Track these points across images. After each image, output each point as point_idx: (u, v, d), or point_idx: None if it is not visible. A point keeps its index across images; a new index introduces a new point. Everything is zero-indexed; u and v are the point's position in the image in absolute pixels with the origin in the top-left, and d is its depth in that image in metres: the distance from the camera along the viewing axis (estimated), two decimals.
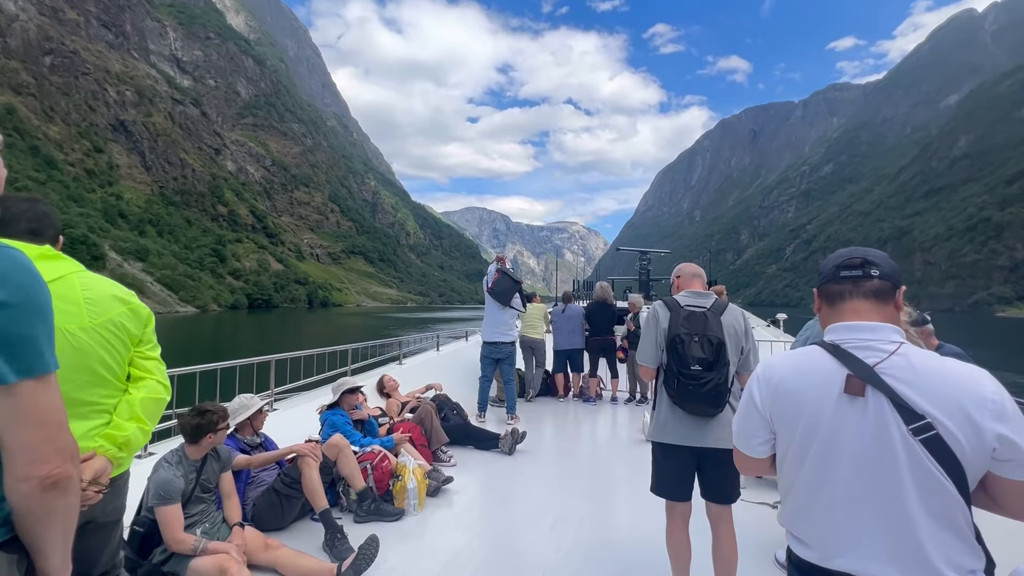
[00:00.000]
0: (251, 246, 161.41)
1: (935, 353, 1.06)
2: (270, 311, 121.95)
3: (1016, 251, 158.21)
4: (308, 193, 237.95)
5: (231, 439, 3.22)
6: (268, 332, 54.26)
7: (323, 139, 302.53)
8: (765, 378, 1.19)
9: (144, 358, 1.50)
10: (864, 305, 1.12)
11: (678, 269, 2.67)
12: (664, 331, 2.32)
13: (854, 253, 1.16)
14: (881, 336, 1.07)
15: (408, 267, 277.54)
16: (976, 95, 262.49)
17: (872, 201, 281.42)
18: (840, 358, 1.08)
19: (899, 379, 1.01)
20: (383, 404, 5.15)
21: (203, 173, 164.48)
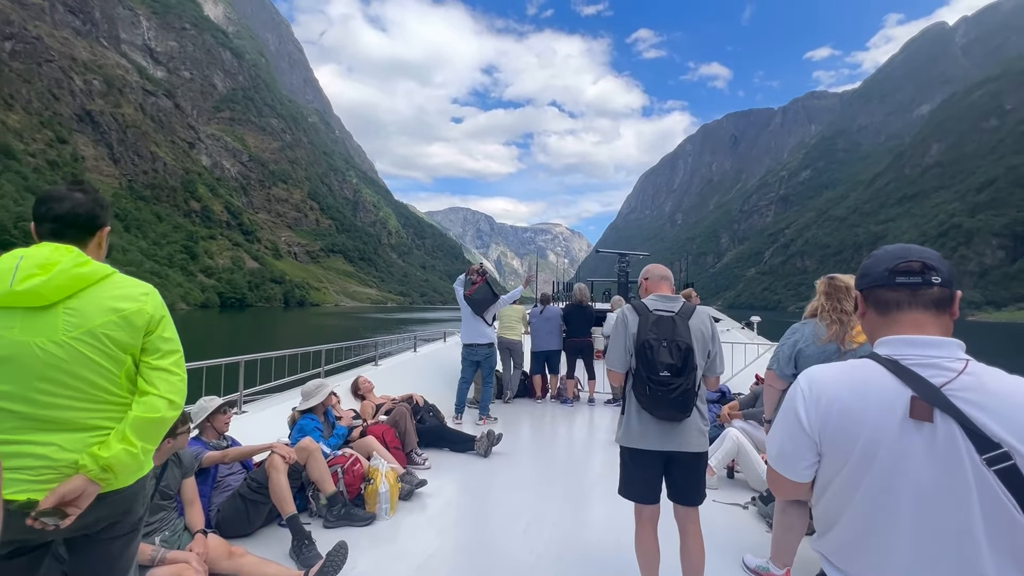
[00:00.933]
0: (225, 243, 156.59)
1: (1001, 370, 0.94)
2: (243, 310, 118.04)
3: (985, 257, 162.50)
4: (287, 190, 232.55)
5: (197, 442, 3.15)
6: (239, 332, 52.04)
7: (303, 135, 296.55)
8: (814, 397, 1.03)
9: (151, 368, 1.42)
10: (924, 317, 1.00)
11: (646, 271, 2.64)
12: (633, 336, 2.32)
13: (910, 255, 1.02)
14: (947, 352, 0.96)
15: (389, 267, 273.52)
16: (947, 105, 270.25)
17: (848, 207, 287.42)
18: (901, 377, 0.95)
19: (970, 402, 0.90)
20: (357, 406, 5.05)
21: (175, 167, 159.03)
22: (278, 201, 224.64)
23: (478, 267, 6.58)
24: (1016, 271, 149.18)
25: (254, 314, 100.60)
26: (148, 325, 1.41)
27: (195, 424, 3.17)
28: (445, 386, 6.78)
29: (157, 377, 1.40)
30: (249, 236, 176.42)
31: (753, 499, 3.58)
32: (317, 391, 3.90)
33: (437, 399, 5.85)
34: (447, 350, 8.19)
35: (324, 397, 3.91)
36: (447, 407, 6.03)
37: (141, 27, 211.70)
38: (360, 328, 52.82)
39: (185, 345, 1.34)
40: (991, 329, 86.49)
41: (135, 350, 1.39)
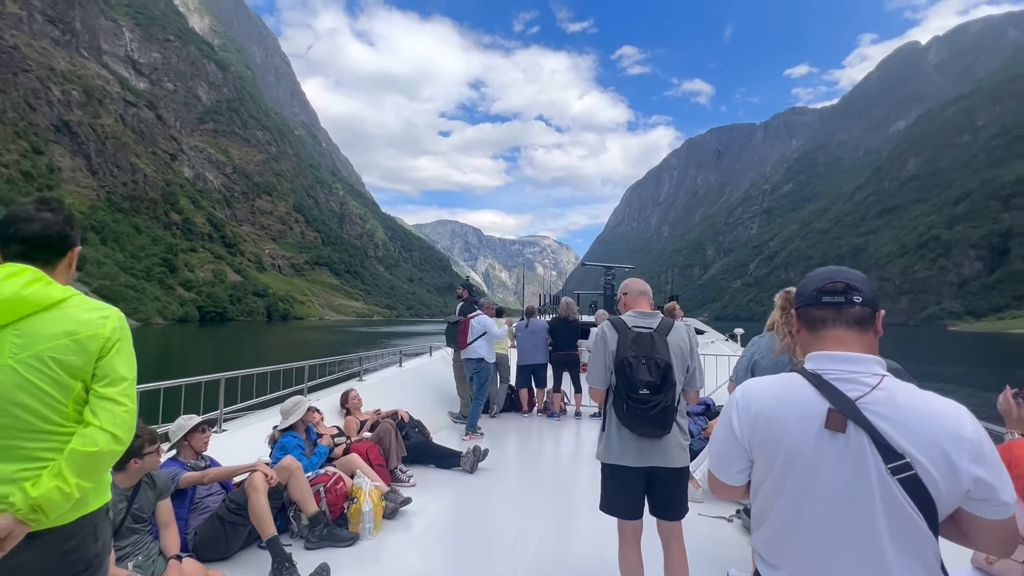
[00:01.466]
0: (207, 256, 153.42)
1: (914, 386, 1.05)
2: (224, 324, 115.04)
3: (963, 268, 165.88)
4: (271, 202, 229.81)
5: (174, 462, 3.05)
6: (220, 347, 50.16)
7: (289, 147, 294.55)
8: (744, 406, 1.15)
9: (97, 396, 1.31)
10: (847, 334, 1.10)
11: (624, 286, 2.62)
12: (612, 353, 2.33)
13: (835, 276, 1.14)
14: (864, 368, 1.06)
15: (376, 279, 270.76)
16: (923, 121, 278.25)
17: (830, 219, 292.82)
18: (822, 390, 1.06)
19: (880, 415, 1.00)
20: (341, 423, 4.99)
21: (156, 179, 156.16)
22: (262, 213, 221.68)
23: (464, 280, 6.97)
24: (994, 282, 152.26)
25: (235, 328, 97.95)
26: (102, 349, 1.32)
27: (172, 443, 3.09)
28: (431, 401, 6.78)
29: (101, 407, 1.30)
30: (232, 249, 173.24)
31: (738, 512, 3.58)
32: (295, 409, 3.85)
33: (423, 414, 5.81)
34: (433, 364, 8.11)
35: (302, 414, 3.86)
36: (433, 422, 6.01)
37: (124, 38, 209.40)
38: (345, 342, 51.48)
39: (163, 361, 0.98)
40: (971, 339, 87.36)
41: (86, 376, 1.31)
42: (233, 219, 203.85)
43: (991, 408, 1.94)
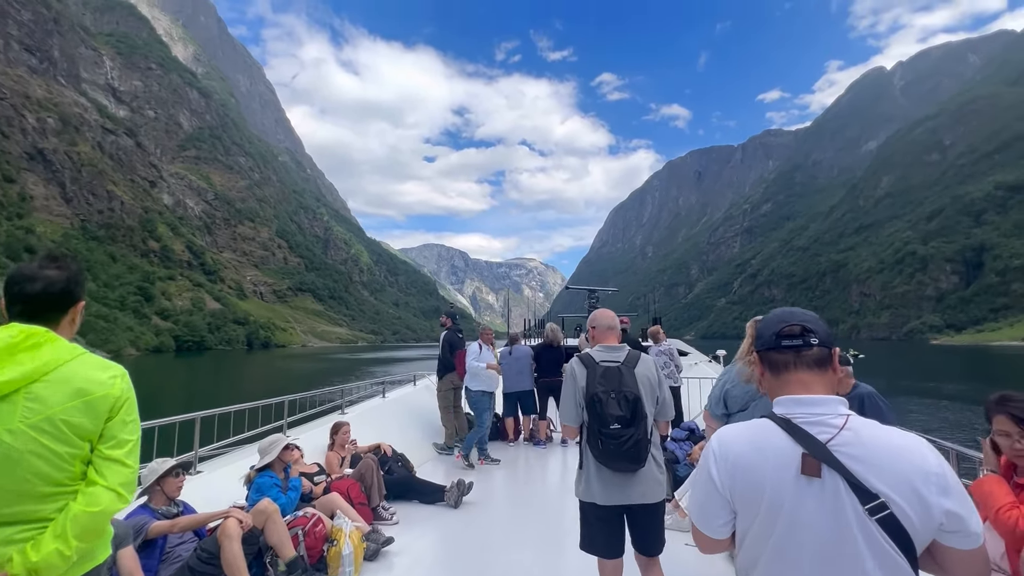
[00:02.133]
0: (185, 284, 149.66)
1: (875, 422, 1.09)
2: (202, 354, 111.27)
3: (941, 282, 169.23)
4: (253, 228, 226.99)
5: (144, 510, 2.93)
6: (195, 379, 47.99)
7: (272, 174, 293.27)
8: (722, 455, 1.16)
9: (103, 458, 1.30)
10: (808, 376, 1.15)
11: (593, 319, 2.62)
12: (582, 389, 2.35)
13: (791, 319, 1.18)
14: (829, 409, 1.10)
15: (361, 304, 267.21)
16: (892, 141, 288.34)
17: (809, 237, 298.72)
18: (793, 435, 1.09)
19: (851, 456, 1.04)
20: (322, 459, 4.82)
21: (134, 206, 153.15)
22: (244, 240, 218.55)
23: (448, 307, 7.15)
24: (970, 295, 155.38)
25: (213, 358, 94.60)
26: (111, 410, 1.32)
27: (143, 489, 2.98)
28: (415, 433, 6.65)
29: (108, 468, 1.30)
30: (212, 276, 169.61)
31: None
32: (271, 447, 3.72)
33: (407, 447, 5.72)
34: (417, 394, 7.96)
35: (277, 453, 3.72)
36: (417, 455, 5.96)
37: (104, 67, 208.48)
38: (327, 371, 49.71)
39: (140, 396, 1.32)
40: (953, 352, 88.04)
41: (94, 437, 1.30)
42: (214, 246, 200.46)
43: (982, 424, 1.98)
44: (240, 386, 39.48)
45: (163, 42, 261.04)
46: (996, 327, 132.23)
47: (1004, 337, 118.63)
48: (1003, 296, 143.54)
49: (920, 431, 3.35)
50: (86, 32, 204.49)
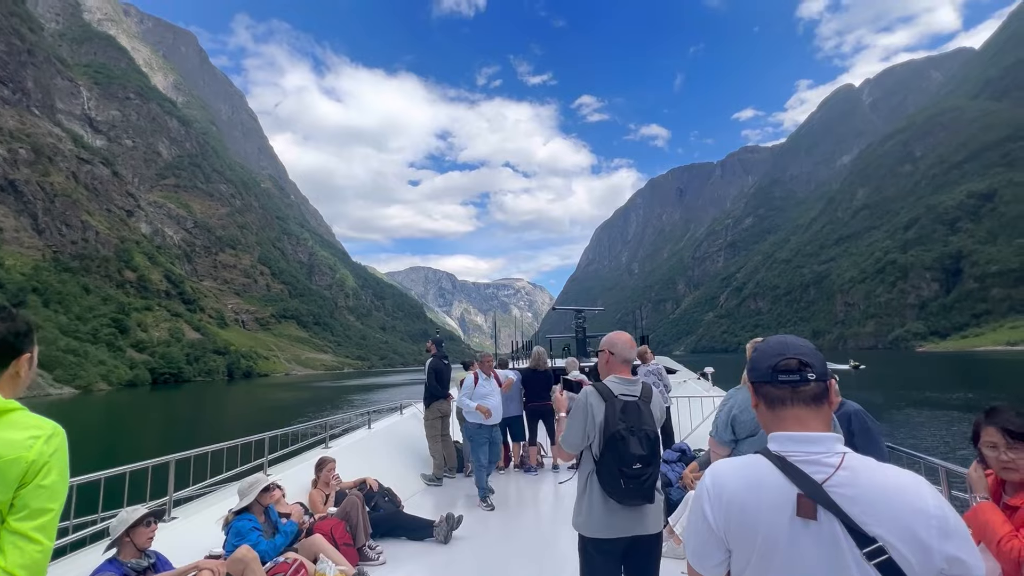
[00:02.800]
0: (163, 314, 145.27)
1: (871, 460, 1.07)
2: (180, 387, 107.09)
3: (922, 290, 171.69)
4: (235, 255, 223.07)
5: (110, 565, 2.70)
6: (170, 415, 45.50)
7: (254, 200, 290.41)
8: (716, 495, 1.13)
9: (8, 531, 1.11)
10: (805, 412, 1.13)
11: (611, 343, 2.48)
12: (601, 424, 2.27)
13: (786, 351, 1.16)
14: (825, 448, 1.08)
15: (346, 330, 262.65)
16: (865, 155, 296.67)
17: (791, 249, 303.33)
18: (788, 474, 1.07)
19: (848, 498, 1.01)
20: (305, 498, 4.65)
21: (109, 236, 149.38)
22: (225, 267, 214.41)
23: (434, 334, 7.05)
24: (952, 302, 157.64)
25: (192, 390, 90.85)
26: (24, 476, 1.13)
27: (111, 541, 2.78)
28: (403, 464, 6.52)
29: (11, 545, 1.10)
30: (191, 305, 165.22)
31: None
32: (251, 488, 3.52)
33: (394, 480, 5.58)
34: (404, 424, 7.77)
35: (256, 495, 3.52)
36: (405, 488, 5.83)
37: (81, 97, 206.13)
38: (310, 401, 48.25)
39: (105, 437, 1.22)
40: (940, 359, 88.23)
41: (3, 506, 1.12)
42: (194, 274, 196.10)
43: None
44: (219, 420, 37.79)
45: (142, 72, 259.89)
46: (979, 332, 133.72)
47: (988, 342, 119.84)
48: (983, 302, 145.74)
49: (912, 446, 3.42)
50: (62, 63, 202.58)
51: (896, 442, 3.04)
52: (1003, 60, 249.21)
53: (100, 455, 2.79)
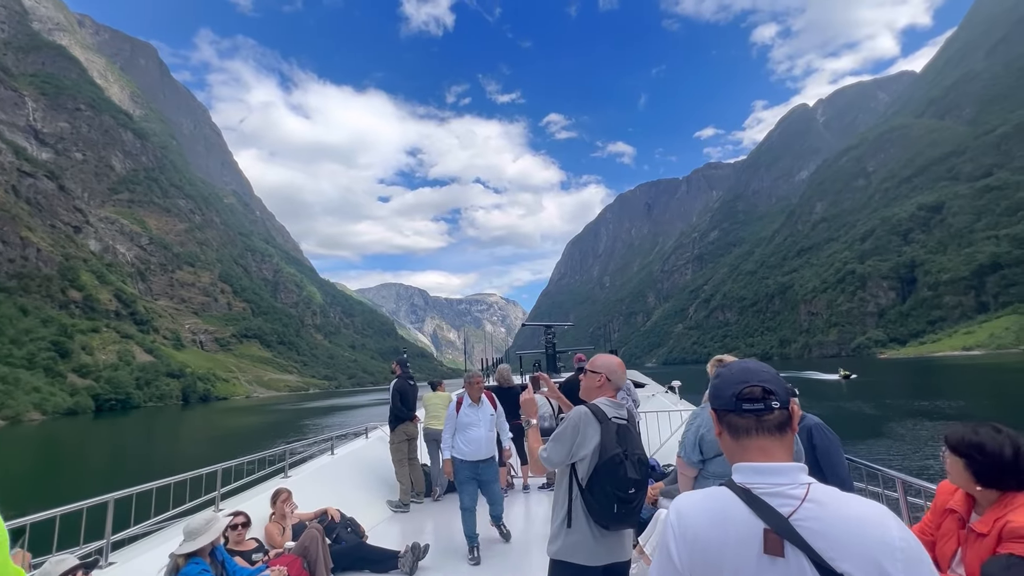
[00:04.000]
0: (111, 336, 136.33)
1: (835, 490, 1.04)
2: (127, 413, 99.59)
3: (880, 298, 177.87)
4: (194, 273, 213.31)
5: None
6: (113, 444, 41.23)
7: (216, 216, 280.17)
8: (680, 532, 1.08)
9: None
10: (770, 442, 1.11)
11: (608, 368, 2.41)
12: (596, 447, 2.20)
13: (750, 378, 1.13)
14: (789, 479, 1.06)
15: (313, 349, 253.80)
16: (822, 170, 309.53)
17: (756, 261, 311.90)
18: (754, 507, 1.04)
19: (815, 532, 0.99)
20: (261, 533, 4.44)
21: (52, 254, 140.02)
22: (183, 285, 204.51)
23: (401, 355, 6.93)
24: (908, 309, 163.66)
25: (142, 417, 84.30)
26: None
27: None
28: (368, 490, 6.25)
29: None
30: (144, 326, 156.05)
31: None
32: (207, 528, 3.08)
33: (358, 508, 5.35)
34: (370, 448, 7.45)
35: (217, 536, 3.14)
36: (369, 516, 5.59)
37: (26, 108, 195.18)
38: (269, 425, 45.91)
39: (33, 474, 1.02)
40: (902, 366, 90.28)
41: None
42: (148, 293, 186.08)
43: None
44: (168, 449, 34.69)
45: (95, 83, 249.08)
46: (937, 339, 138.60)
47: (946, 348, 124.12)
48: (937, 309, 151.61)
49: (918, 463, 3.56)
50: (5, 72, 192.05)
51: (901, 456, 3.20)
52: (943, 81, 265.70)
53: (27, 495, 1.95)
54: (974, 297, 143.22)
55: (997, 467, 1.78)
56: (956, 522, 1.94)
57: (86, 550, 2.96)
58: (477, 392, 5.41)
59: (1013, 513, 1.75)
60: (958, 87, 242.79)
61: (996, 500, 1.83)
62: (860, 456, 3.59)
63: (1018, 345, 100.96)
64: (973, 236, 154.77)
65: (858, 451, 12.86)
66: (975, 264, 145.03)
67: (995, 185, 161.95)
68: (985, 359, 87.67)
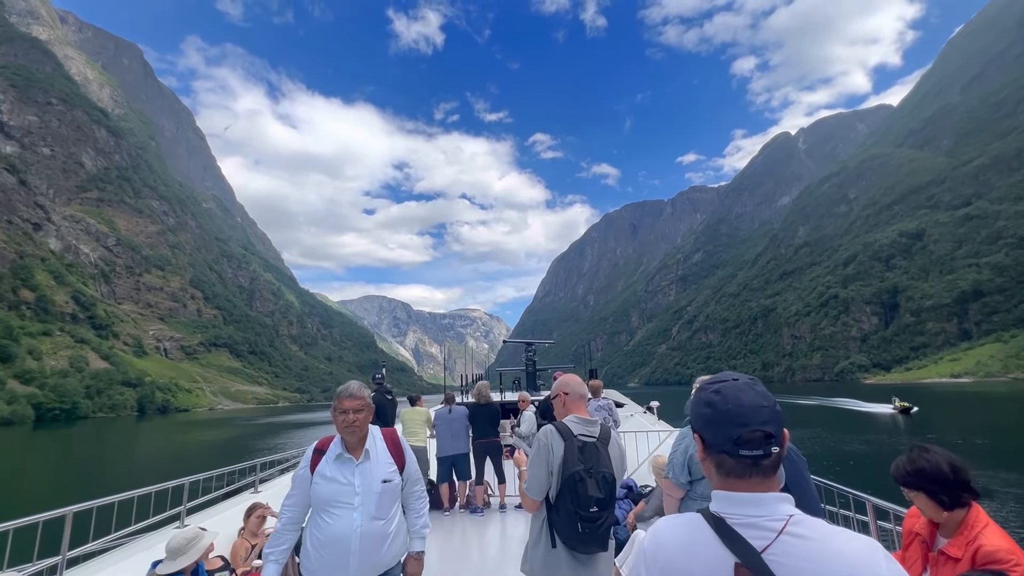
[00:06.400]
0: (65, 340, 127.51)
1: (820, 523, 0.94)
2: (73, 424, 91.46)
3: (863, 323, 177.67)
4: (163, 277, 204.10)
5: None
6: (45, 459, 35.38)
7: (191, 219, 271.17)
8: (652, 557, 1.03)
9: None
10: (761, 483, 1.01)
11: (565, 385, 2.43)
12: (559, 464, 2.17)
13: (750, 421, 1.00)
14: (767, 511, 0.97)
15: (287, 360, 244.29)
16: (804, 196, 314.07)
17: (739, 284, 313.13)
18: (725, 538, 0.96)
19: (789, 567, 0.89)
20: (227, 551, 4.26)
21: (6, 251, 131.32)
22: (150, 290, 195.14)
23: (376, 373, 6.98)
24: (891, 335, 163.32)
25: (89, 428, 76.66)
26: None
27: None
28: None
29: None
30: (102, 331, 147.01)
31: None
32: (190, 547, 2.93)
33: None
34: None
35: (200, 554, 2.98)
36: None
37: None
38: (229, 441, 43.24)
39: None
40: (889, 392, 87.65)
41: None
42: (111, 296, 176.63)
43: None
44: (115, 464, 31.66)
45: (71, 78, 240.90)
46: (921, 365, 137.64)
47: (933, 374, 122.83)
48: (920, 335, 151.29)
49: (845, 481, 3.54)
50: None
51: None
52: (921, 114, 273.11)
53: None
54: (956, 324, 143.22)
55: (945, 489, 1.78)
56: (921, 546, 1.96)
57: (38, 567, 2.79)
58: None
59: (983, 537, 1.75)
60: (936, 120, 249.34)
61: (961, 521, 1.82)
62: None
63: (1005, 373, 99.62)
64: (954, 263, 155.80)
65: None
66: (957, 291, 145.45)
67: (975, 214, 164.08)
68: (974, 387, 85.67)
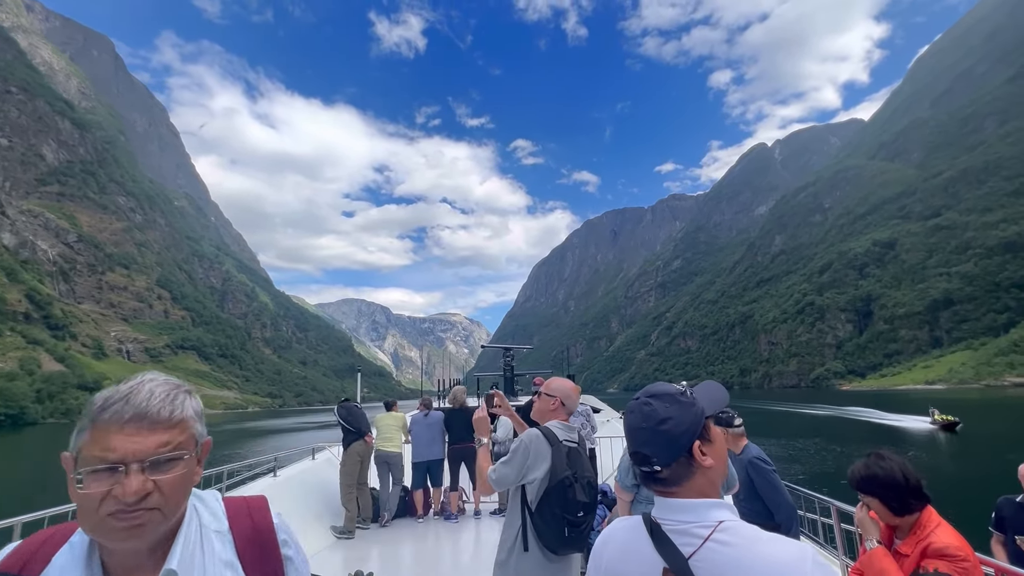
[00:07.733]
0: (15, 341, 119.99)
1: (753, 530, 0.95)
2: (19, 430, 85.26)
3: (838, 330, 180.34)
4: (127, 276, 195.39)
5: None
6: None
7: (160, 217, 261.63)
8: (596, 559, 1.08)
9: None
10: (669, 491, 1.03)
11: (563, 392, 2.43)
12: (547, 470, 2.18)
13: (630, 443, 1.09)
14: (697, 517, 0.98)
15: (259, 364, 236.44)
16: (780, 206, 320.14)
17: (717, 291, 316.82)
18: (658, 544, 0.99)
19: (713, 574, 0.91)
20: None
21: None
22: (113, 289, 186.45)
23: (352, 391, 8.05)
24: (865, 342, 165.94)
25: (36, 435, 71.18)
26: None
27: None
28: (313, 515, 5.97)
29: None
30: (59, 332, 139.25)
31: None
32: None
33: (299, 536, 5.33)
34: (316, 469, 7.07)
35: None
36: (313, 541, 5.40)
37: None
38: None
39: None
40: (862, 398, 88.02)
41: None
42: (70, 295, 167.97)
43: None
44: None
45: (34, 68, 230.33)
46: (895, 372, 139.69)
47: (907, 381, 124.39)
48: (893, 342, 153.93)
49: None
50: None
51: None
52: (892, 127, 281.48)
53: None
54: (928, 332, 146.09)
55: (897, 495, 1.86)
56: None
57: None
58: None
59: (933, 535, 1.88)
60: (906, 133, 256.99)
61: (914, 523, 1.95)
62: None
63: (978, 380, 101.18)
64: (926, 272, 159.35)
65: None
66: (928, 299, 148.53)
67: (945, 225, 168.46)
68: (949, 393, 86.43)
